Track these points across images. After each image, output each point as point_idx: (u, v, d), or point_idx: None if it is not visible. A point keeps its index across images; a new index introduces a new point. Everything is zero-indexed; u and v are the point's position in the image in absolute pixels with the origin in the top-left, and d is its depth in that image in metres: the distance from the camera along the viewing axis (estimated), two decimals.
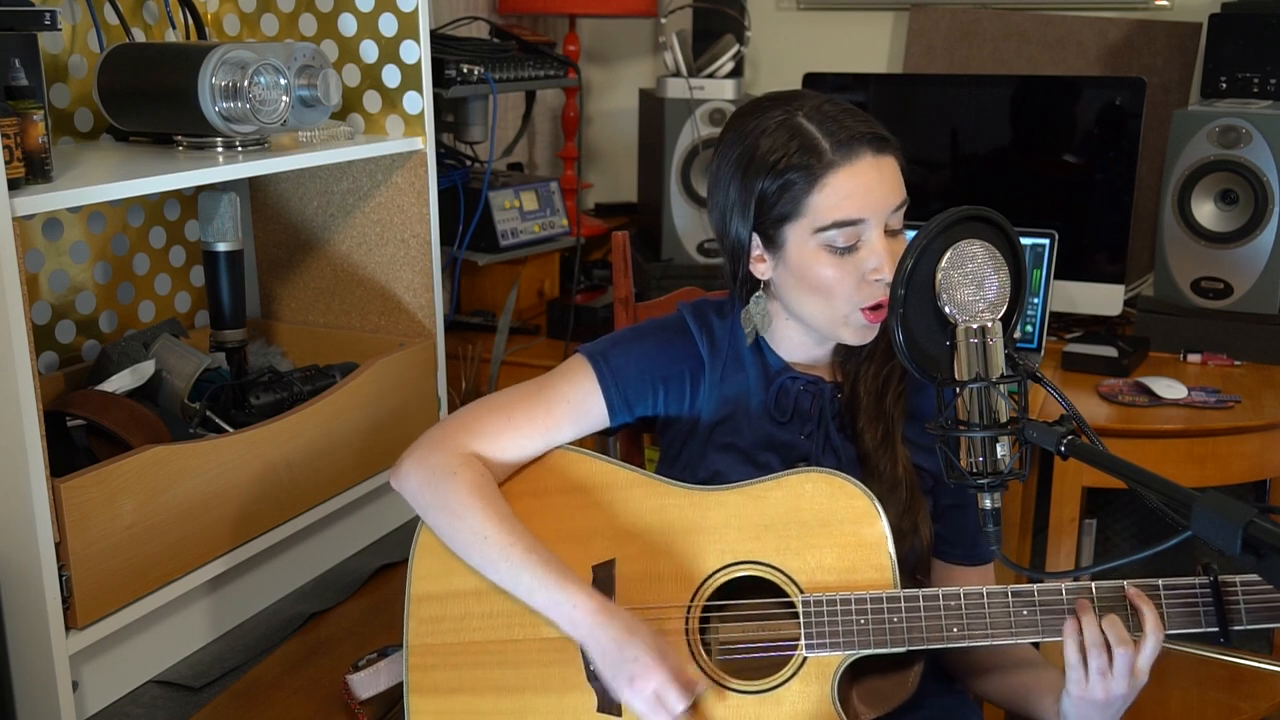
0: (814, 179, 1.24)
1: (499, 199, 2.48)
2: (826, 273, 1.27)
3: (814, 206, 1.25)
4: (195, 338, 1.93)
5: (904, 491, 1.30)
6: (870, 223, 1.25)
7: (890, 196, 1.26)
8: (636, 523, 1.31)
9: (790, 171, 1.25)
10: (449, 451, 1.33)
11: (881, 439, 1.33)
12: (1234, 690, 2.25)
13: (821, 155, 1.25)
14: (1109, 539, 2.62)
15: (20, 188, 1.33)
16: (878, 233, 1.26)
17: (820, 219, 1.25)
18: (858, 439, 1.34)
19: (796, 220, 1.27)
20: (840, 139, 1.25)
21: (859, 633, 1.22)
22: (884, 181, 1.26)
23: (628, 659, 1.21)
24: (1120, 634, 1.14)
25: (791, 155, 1.25)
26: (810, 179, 1.25)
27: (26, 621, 1.37)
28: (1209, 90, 2.36)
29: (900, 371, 1.35)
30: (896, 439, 1.33)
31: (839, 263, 1.26)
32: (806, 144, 1.25)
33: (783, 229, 1.28)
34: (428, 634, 1.33)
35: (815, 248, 1.26)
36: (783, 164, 1.26)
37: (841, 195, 1.24)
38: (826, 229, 1.25)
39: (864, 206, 1.25)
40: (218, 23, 2.07)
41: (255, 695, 1.54)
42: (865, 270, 1.26)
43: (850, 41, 2.90)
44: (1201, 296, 2.24)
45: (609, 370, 1.37)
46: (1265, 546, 0.88)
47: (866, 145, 1.25)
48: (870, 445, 1.33)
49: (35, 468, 1.33)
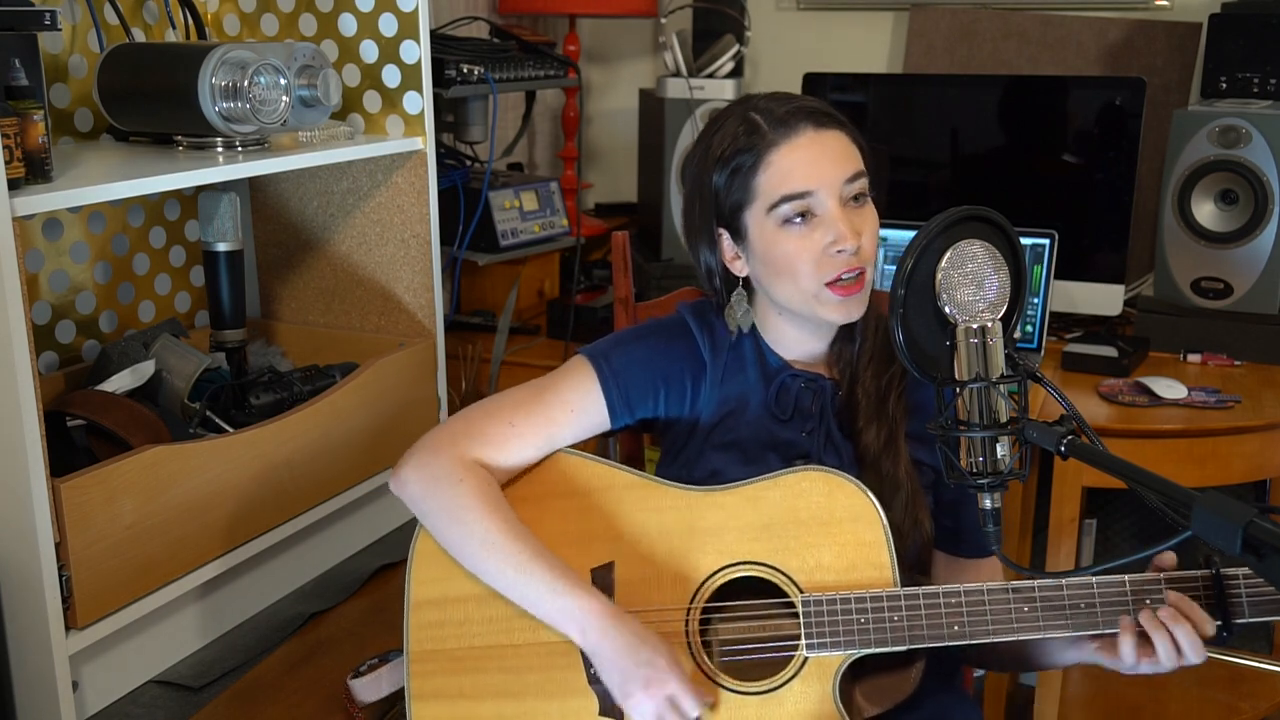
0: (758, 159, 1.29)
1: (499, 199, 2.48)
2: (787, 248, 1.29)
3: (762, 186, 1.29)
4: (195, 338, 1.93)
5: (905, 492, 1.31)
6: (820, 194, 1.28)
7: (838, 167, 1.29)
8: (635, 525, 1.31)
9: (736, 157, 1.30)
10: (451, 458, 1.32)
11: (885, 442, 1.33)
12: (1234, 690, 2.25)
13: (763, 135, 1.29)
14: (1109, 539, 2.62)
15: (20, 188, 1.33)
16: (832, 204, 1.28)
17: (770, 196, 1.29)
18: (857, 438, 1.35)
19: (751, 204, 1.31)
20: (777, 117, 1.30)
21: (859, 632, 1.22)
22: (828, 153, 1.29)
23: (641, 663, 1.21)
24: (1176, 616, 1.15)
25: (737, 141, 1.30)
26: (755, 160, 1.29)
27: (26, 621, 1.37)
28: (1209, 90, 2.36)
29: (902, 372, 1.36)
30: (900, 440, 1.33)
31: (797, 238, 1.29)
32: (749, 128, 1.31)
33: (742, 217, 1.32)
34: (428, 640, 1.33)
35: (773, 228, 1.30)
36: (729, 152, 1.31)
37: (785, 170, 1.28)
38: (777, 205, 1.28)
39: (809, 178, 1.28)
40: (218, 23, 2.07)
41: (255, 695, 1.54)
42: (825, 243, 1.28)
43: (850, 41, 2.90)
44: (1201, 296, 2.24)
45: (610, 372, 1.37)
46: (1265, 546, 0.88)
47: (805, 120, 1.30)
48: (872, 446, 1.33)
49: (35, 468, 1.33)
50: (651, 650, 1.21)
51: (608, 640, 1.23)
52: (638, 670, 1.21)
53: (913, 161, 2.51)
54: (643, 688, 1.21)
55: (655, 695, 1.20)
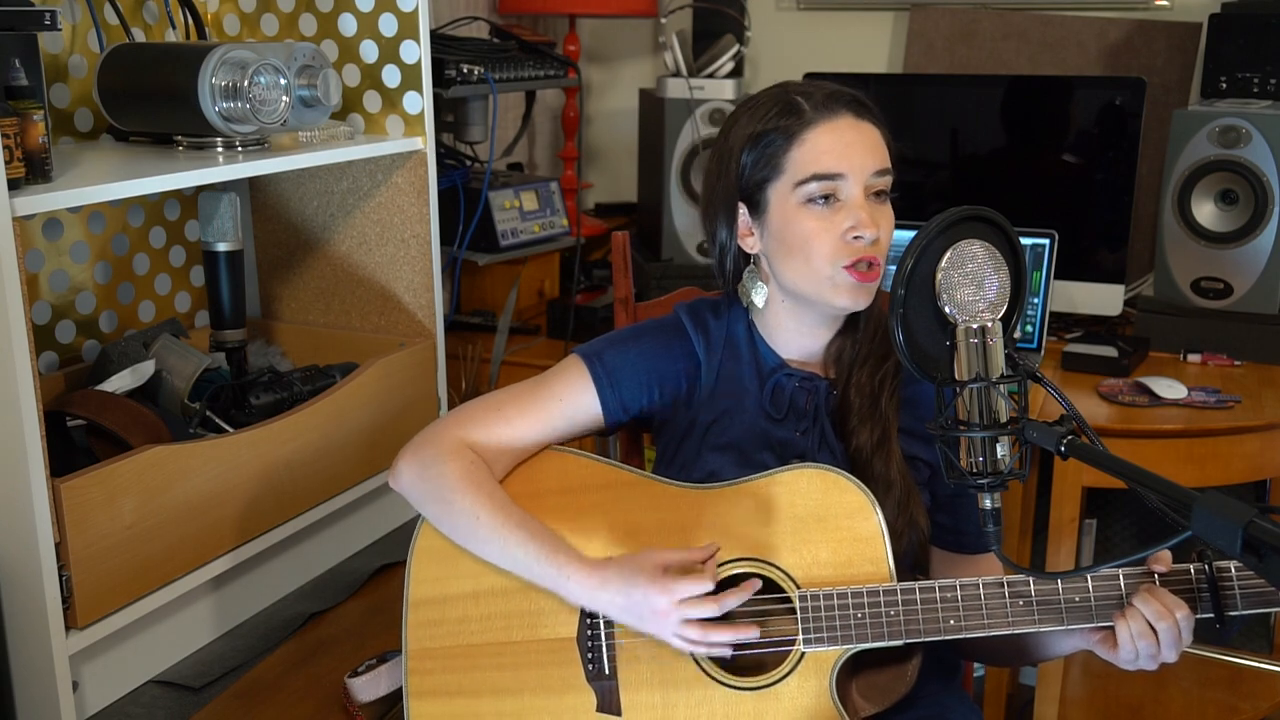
0: (793, 136, 1.30)
1: (499, 199, 2.48)
2: (807, 226, 1.30)
3: (794, 161, 1.30)
4: (195, 338, 1.93)
5: (899, 491, 1.31)
6: (849, 180, 1.29)
7: (870, 157, 1.30)
8: (632, 522, 1.32)
9: (770, 133, 1.31)
10: (439, 444, 1.35)
11: (878, 441, 1.33)
12: (1234, 690, 2.25)
13: (802, 114, 1.31)
14: (1109, 539, 2.62)
15: (20, 188, 1.33)
16: (858, 191, 1.29)
17: (800, 172, 1.30)
18: (850, 438, 1.35)
19: (777, 179, 1.32)
20: (819, 99, 1.32)
21: (856, 627, 1.22)
22: (863, 141, 1.31)
23: (637, 603, 1.22)
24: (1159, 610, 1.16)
25: (771, 118, 1.32)
26: (789, 136, 1.31)
27: (26, 621, 1.37)
28: (1209, 90, 2.36)
29: (894, 371, 1.36)
30: (892, 440, 1.34)
31: (819, 218, 1.30)
32: (787, 107, 1.32)
33: (765, 191, 1.33)
34: (426, 638, 1.34)
35: (796, 204, 1.30)
36: (762, 128, 1.32)
37: (820, 149, 1.29)
38: (806, 181, 1.29)
39: (842, 161, 1.29)
40: (218, 23, 2.07)
41: (255, 695, 1.54)
42: (844, 228, 1.29)
43: (850, 41, 2.90)
44: (1201, 296, 2.24)
45: (604, 371, 1.38)
46: (1265, 546, 0.88)
47: (846, 106, 1.31)
48: (865, 446, 1.34)
49: (35, 468, 1.33)
50: (643, 590, 1.22)
51: (600, 598, 1.25)
52: (641, 612, 1.22)
53: (913, 161, 2.51)
54: (655, 619, 1.22)
55: (668, 621, 1.21)
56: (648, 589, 1.21)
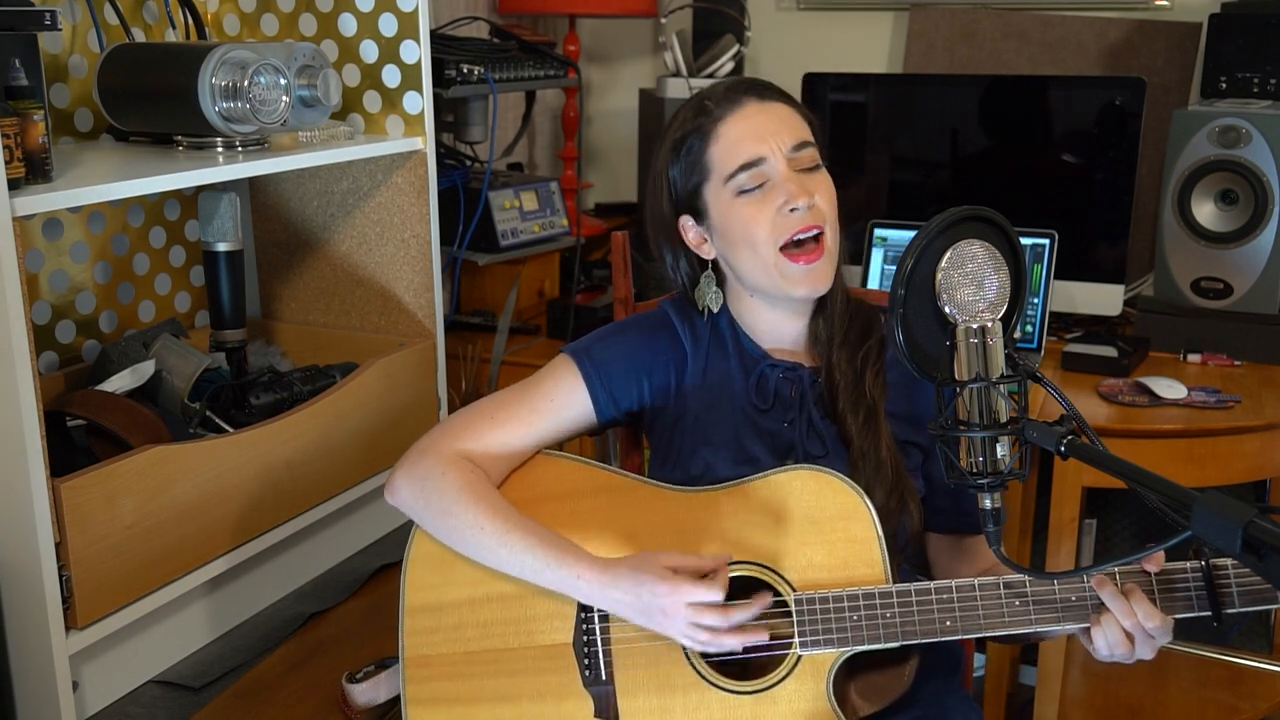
0: (707, 135, 1.35)
1: (499, 199, 2.48)
2: (744, 214, 1.33)
3: (715, 158, 1.35)
4: (195, 338, 1.93)
5: (889, 470, 1.32)
6: (771, 161, 1.33)
7: (784, 134, 1.34)
8: (628, 527, 1.32)
9: (688, 137, 1.36)
10: (434, 455, 1.35)
11: (864, 421, 1.34)
12: (1234, 690, 2.25)
13: (710, 112, 1.36)
14: (1109, 539, 2.62)
15: (20, 188, 1.33)
16: (783, 168, 1.33)
17: (724, 169, 1.34)
18: (840, 421, 1.35)
19: (707, 181, 1.36)
20: (721, 94, 1.37)
21: (852, 629, 1.22)
22: (774, 121, 1.34)
23: (645, 602, 1.22)
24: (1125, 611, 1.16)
25: (687, 125, 1.37)
26: (704, 136, 1.35)
27: (26, 621, 1.37)
28: (1209, 90, 2.36)
29: (877, 350, 1.37)
30: (879, 418, 1.35)
31: (753, 205, 1.33)
32: (696, 110, 1.37)
33: (701, 196, 1.37)
34: (423, 645, 1.34)
35: (729, 199, 1.34)
36: (679, 134, 1.37)
37: (734, 139, 1.34)
38: (734, 174, 1.33)
39: (759, 144, 1.33)
40: (218, 23, 2.07)
41: (255, 695, 1.54)
42: (777, 205, 1.32)
43: (850, 41, 2.90)
44: (1201, 296, 2.24)
45: (593, 366, 1.39)
46: (1265, 546, 0.87)
47: (746, 93, 1.36)
48: (853, 427, 1.35)
49: (35, 468, 1.33)
50: (650, 589, 1.22)
51: (610, 598, 1.25)
52: (650, 611, 1.22)
53: (913, 161, 2.51)
54: (664, 618, 1.22)
55: (676, 620, 1.21)
56: (656, 587, 1.21)
